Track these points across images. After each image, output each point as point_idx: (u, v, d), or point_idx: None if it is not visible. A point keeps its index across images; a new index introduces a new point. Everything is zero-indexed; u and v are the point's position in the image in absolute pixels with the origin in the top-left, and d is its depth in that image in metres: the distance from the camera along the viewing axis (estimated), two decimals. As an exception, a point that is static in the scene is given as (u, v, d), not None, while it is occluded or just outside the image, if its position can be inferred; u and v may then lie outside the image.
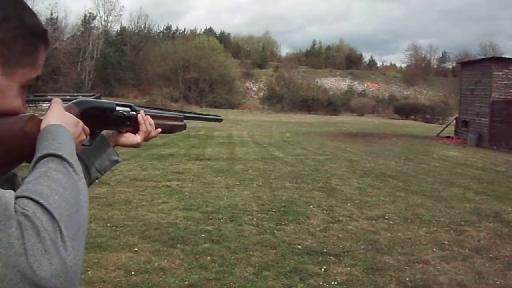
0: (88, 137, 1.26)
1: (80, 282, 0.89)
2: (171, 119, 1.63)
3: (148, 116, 1.50)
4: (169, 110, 1.65)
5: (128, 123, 1.43)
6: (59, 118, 1.08)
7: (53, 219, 0.85)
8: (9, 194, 0.86)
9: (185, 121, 1.71)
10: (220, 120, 1.97)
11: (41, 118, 1.10)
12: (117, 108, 1.38)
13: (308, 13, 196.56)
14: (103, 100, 1.38)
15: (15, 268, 0.78)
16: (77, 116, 1.17)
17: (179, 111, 1.70)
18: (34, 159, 0.97)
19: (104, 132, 1.43)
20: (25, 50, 1.07)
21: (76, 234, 0.88)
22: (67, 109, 1.17)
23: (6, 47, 1.03)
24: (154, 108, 1.59)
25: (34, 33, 1.09)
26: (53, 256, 0.81)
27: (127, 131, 1.46)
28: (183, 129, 1.71)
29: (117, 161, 1.47)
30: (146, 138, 1.51)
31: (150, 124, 1.50)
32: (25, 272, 0.78)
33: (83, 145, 1.24)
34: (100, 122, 1.34)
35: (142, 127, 1.47)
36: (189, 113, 1.78)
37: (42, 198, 0.86)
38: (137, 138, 1.47)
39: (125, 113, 1.40)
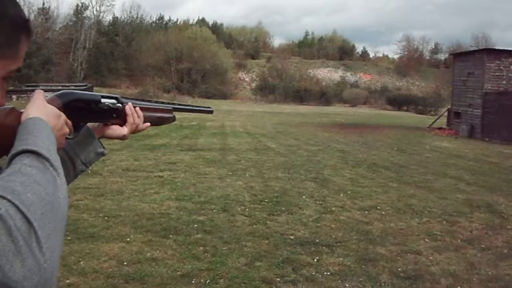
0: (72, 130, 1.23)
1: (56, 284, 0.86)
2: (159, 111, 1.59)
3: (137, 108, 1.47)
4: (157, 102, 1.61)
5: (114, 115, 1.40)
6: (40, 111, 1.05)
7: (26, 218, 0.81)
8: None
9: (174, 113, 1.67)
10: (211, 112, 1.90)
11: (22, 110, 1.07)
12: (103, 100, 1.35)
13: (305, 5, 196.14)
14: (88, 92, 1.35)
15: None
16: (59, 109, 1.15)
17: (168, 103, 1.66)
18: (9, 156, 0.94)
19: (89, 124, 1.40)
20: (8, 41, 1.03)
21: (52, 233, 0.84)
22: (49, 102, 1.14)
23: None
24: (143, 100, 1.55)
25: (17, 24, 1.05)
26: (26, 257, 0.78)
27: (113, 123, 1.43)
28: (172, 121, 1.66)
29: (102, 154, 1.44)
30: (134, 131, 1.48)
31: (138, 117, 1.47)
32: None
33: (67, 138, 1.21)
34: (84, 114, 1.31)
35: (130, 120, 1.44)
36: (179, 104, 1.73)
37: (14, 196, 0.82)
38: (123, 130, 1.44)
39: (111, 105, 1.37)
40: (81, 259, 5.62)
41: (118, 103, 1.41)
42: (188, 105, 1.77)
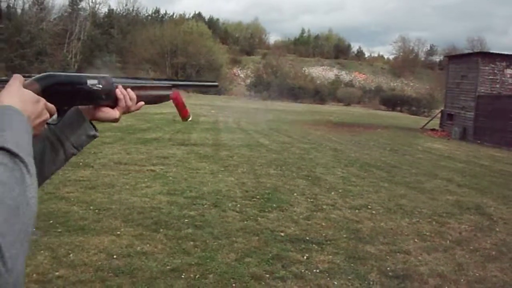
0: (55, 114, 1.17)
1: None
2: (155, 89, 1.50)
3: (129, 89, 1.39)
4: (154, 79, 1.52)
5: (103, 96, 1.32)
6: (13, 98, 0.99)
7: None
8: None
9: (175, 89, 1.57)
10: (216, 86, 1.76)
11: None
12: (89, 81, 1.27)
13: (303, 2, 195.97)
14: (73, 73, 1.27)
15: None
16: (38, 93, 1.09)
17: (167, 79, 1.54)
18: None
19: (80, 106, 1.32)
20: None
21: (16, 239, 0.79)
22: (27, 86, 1.08)
23: None
24: (137, 78, 1.47)
25: None
26: None
27: (104, 105, 1.35)
28: (168, 100, 1.56)
29: (94, 136, 1.37)
30: (126, 112, 1.40)
31: (130, 98, 1.39)
32: None
33: (50, 124, 1.18)
34: (69, 98, 1.23)
35: (121, 103, 1.36)
36: (180, 80, 1.61)
37: None
38: (115, 113, 1.36)
39: (99, 86, 1.29)
40: (71, 251, 5.61)
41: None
42: (191, 81, 1.63)
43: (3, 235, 0.76)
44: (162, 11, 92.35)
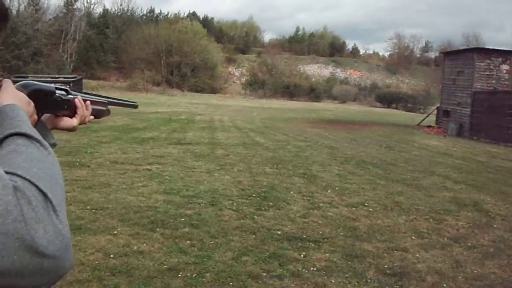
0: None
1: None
2: (99, 104, 1.59)
3: (87, 102, 1.49)
4: (94, 95, 1.61)
5: (65, 106, 1.40)
6: (13, 98, 1.08)
7: (40, 190, 0.85)
8: None
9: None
10: (136, 106, 1.92)
11: None
12: (57, 92, 1.36)
13: (298, 0, 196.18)
14: (43, 83, 1.33)
15: (14, 236, 0.78)
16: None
17: (102, 96, 1.66)
18: None
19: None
20: None
21: (61, 203, 0.88)
22: (18, 90, 1.16)
23: None
24: (84, 93, 1.54)
25: (1, 13, 1.07)
26: (47, 224, 0.82)
27: (64, 115, 1.43)
28: (107, 115, 1.68)
29: (54, 145, 1.40)
30: (81, 122, 1.49)
31: (87, 109, 1.49)
32: (25, 238, 0.78)
33: None
34: (42, 105, 1.30)
35: (80, 111, 1.45)
36: (109, 98, 1.71)
37: (23, 172, 0.86)
38: (73, 121, 1.44)
39: (63, 96, 1.38)
40: (67, 251, 5.59)
41: (67, 94, 1.41)
42: (115, 99, 1.76)
43: (54, 198, 0.87)
44: (156, 11, 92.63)
